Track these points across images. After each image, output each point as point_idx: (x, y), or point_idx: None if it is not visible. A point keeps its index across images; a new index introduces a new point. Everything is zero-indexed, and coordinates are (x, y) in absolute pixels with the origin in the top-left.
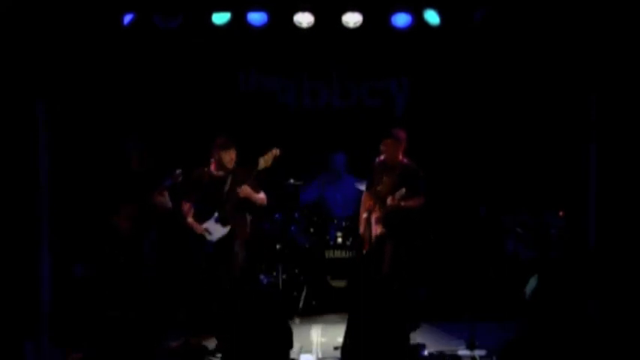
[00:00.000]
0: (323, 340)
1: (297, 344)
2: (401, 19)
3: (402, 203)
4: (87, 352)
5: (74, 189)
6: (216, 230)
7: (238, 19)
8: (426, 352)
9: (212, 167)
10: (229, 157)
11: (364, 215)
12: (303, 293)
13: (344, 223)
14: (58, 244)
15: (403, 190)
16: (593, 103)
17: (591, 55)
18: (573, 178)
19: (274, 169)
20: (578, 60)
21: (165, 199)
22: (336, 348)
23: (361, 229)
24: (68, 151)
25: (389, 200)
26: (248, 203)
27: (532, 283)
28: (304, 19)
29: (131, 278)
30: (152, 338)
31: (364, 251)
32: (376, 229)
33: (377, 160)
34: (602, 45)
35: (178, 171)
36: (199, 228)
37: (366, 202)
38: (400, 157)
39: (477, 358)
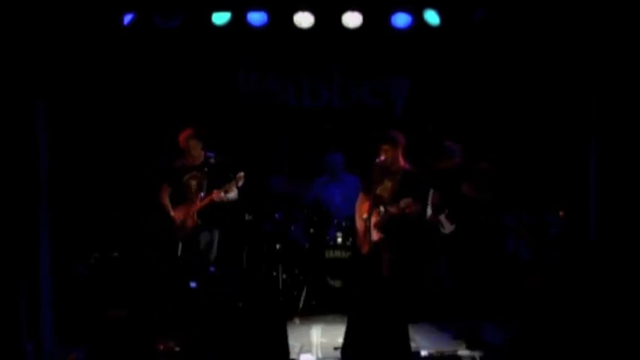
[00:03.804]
0: (323, 340)
1: (297, 344)
2: (401, 19)
3: (392, 210)
4: (87, 352)
5: (76, 188)
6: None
7: (238, 19)
8: (425, 352)
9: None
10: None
11: (364, 216)
12: (303, 293)
13: (344, 223)
14: (59, 244)
15: (409, 200)
16: (593, 104)
17: (592, 55)
18: (573, 178)
19: (274, 169)
20: (579, 60)
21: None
22: (336, 348)
23: (360, 230)
24: (69, 151)
25: (393, 209)
26: None
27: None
28: (304, 19)
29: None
30: (152, 338)
31: (362, 253)
32: (374, 235)
33: (376, 161)
34: (603, 45)
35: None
36: None
37: (362, 203)
38: (401, 160)
39: (477, 358)
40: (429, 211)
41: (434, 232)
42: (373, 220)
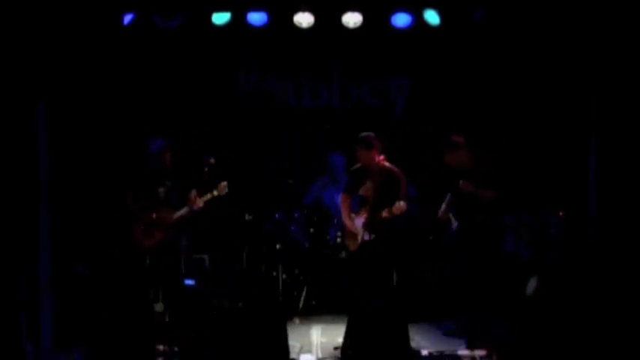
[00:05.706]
0: (323, 340)
1: (297, 344)
2: (401, 19)
3: (384, 214)
4: (87, 352)
5: (76, 188)
6: None
7: (238, 19)
8: (425, 352)
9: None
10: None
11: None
12: (303, 293)
13: None
14: (59, 244)
15: (403, 204)
16: (593, 104)
17: (591, 55)
18: (573, 178)
19: (274, 169)
20: (579, 60)
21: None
22: (336, 348)
23: (349, 228)
24: (69, 151)
25: (384, 213)
26: None
27: (532, 283)
28: (304, 19)
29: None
30: (152, 338)
31: (351, 250)
32: (365, 235)
33: (358, 164)
34: (603, 45)
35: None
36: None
37: (344, 202)
38: (377, 160)
39: (477, 358)
40: (443, 207)
41: (442, 230)
42: (363, 220)
